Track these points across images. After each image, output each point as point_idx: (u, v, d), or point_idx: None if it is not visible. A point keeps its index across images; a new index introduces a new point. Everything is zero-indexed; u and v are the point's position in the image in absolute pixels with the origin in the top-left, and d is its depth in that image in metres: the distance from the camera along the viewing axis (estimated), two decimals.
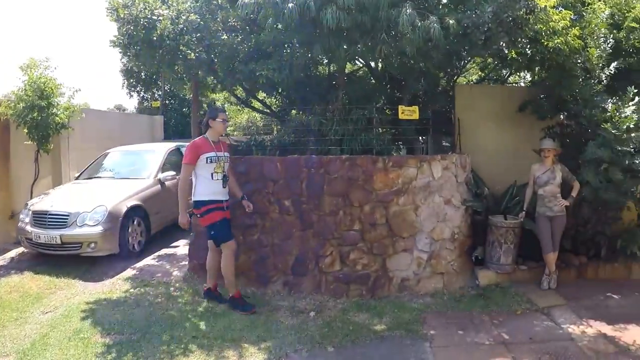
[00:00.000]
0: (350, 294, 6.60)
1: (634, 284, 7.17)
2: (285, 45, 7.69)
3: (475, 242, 7.41)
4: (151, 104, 22.05)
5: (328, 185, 6.63)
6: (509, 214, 7.35)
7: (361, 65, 9.87)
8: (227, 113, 6.96)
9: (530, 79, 9.12)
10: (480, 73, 11.43)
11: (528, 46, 7.30)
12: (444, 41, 6.13)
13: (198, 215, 5.99)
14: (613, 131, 6.18)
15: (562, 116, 7.64)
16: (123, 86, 22.52)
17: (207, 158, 5.83)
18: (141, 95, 23.45)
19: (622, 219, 7.44)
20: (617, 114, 6.33)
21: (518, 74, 10.37)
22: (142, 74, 20.42)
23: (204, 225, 6.11)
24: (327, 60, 8.68)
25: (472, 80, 12.08)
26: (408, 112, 6.85)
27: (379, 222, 6.58)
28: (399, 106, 6.94)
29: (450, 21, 6.05)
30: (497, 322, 5.81)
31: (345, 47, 6.73)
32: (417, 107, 6.97)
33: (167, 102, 21.52)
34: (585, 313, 5.97)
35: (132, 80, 22.07)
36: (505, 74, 10.64)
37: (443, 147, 9.55)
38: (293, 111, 9.20)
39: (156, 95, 22.45)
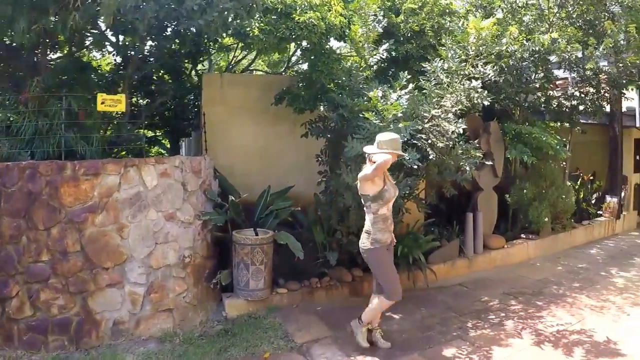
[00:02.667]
0: (49, 346, 5.21)
1: (419, 295, 6.75)
2: None
3: (220, 264, 6.46)
4: None
5: (6, 201, 5.24)
6: (262, 226, 6.50)
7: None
8: None
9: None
10: (261, 62, 10.75)
11: (275, 22, 6.49)
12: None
13: None
14: (376, 121, 5.41)
15: (322, 108, 6.96)
16: None
17: None
18: None
19: (402, 222, 7.01)
20: (382, 102, 5.58)
21: (273, 57, 9.77)
22: None
23: None
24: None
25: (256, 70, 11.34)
26: (111, 103, 5.66)
27: (72, 249, 5.26)
28: (99, 94, 5.71)
29: None
30: None
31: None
32: (123, 95, 5.81)
33: None
34: (354, 348, 5.27)
35: None
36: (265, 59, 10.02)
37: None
38: None
39: None
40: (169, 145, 10.86)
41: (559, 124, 10.53)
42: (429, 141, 5.79)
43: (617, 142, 11.92)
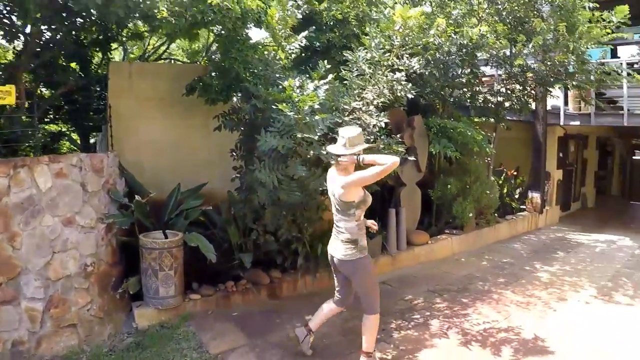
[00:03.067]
0: None
1: None
2: None
3: (129, 271, 5.98)
4: None
5: None
6: (172, 228, 6.08)
7: None
8: None
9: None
10: (180, 52, 10.26)
11: (186, 4, 6.07)
12: None
13: None
14: (290, 113, 5.06)
15: (235, 99, 6.59)
16: None
17: None
18: None
19: (322, 219, 6.66)
20: (298, 92, 5.24)
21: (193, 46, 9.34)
22: None
23: None
24: None
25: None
26: None
27: None
28: None
29: None
30: None
31: None
32: (13, 86, 5.27)
33: None
34: (273, 356, 4.97)
35: None
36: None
37: None
38: None
39: None
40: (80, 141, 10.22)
41: (484, 119, 10.55)
42: None
43: (541, 139, 12.17)
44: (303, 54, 6.92)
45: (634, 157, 24.52)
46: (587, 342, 5.34)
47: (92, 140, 9.27)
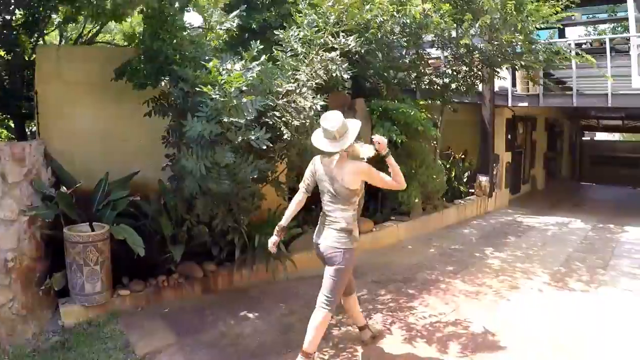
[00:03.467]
0: None
1: (279, 289, 6.28)
2: None
3: (56, 266, 5.66)
4: None
5: None
6: (100, 220, 5.79)
7: None
8: None
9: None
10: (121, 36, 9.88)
11: None
12: None
13: None
14: (215, 96, 4.84)
15: (164, 83, 6.34)
16: None
17: None
18: None
19: (260, 207, 6.43)
20: (224, 73, 5.02)
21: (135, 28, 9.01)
22: None
23: None
24: None
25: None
26: None
27: None
28: None
29: None
30: None
31: None
32: None
33: None
34: (202, 356, 4.72)
35: None
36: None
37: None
38: None
39: None
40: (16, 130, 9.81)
41: (430, 102, 10.51)
42: (283, 119, 5.33)
43: (489, 121, 12.19)
44: (237, 35, 6.67)
45: (583, 138, 25.00)
46: (542, 334, 5.18)
47: (34, 129, 8.90)
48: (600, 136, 29.17)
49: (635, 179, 19.99)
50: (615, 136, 30.66)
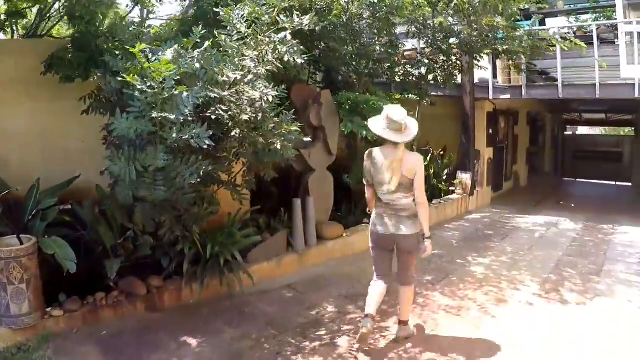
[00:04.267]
0: None
1: (235, 306, 5.64)
2: None
3: None
4: None
5: None
6: (31, 232, 5.18)
7: None
8: None
9: None
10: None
11: None
12: None
13: None
14: (140, 87, 4.13)
15: (96, 75, 5.66)
16: None
17: None
18: None
19: (212, 213, 5.85)
20: (154, 63, 4.25)
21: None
22: None
23: None
24: None
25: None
26: None
27: None
28: None
29: None
30: None
31: None
32: None
33: None
34: None
35: None
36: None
37: None
38: None
39: None
40: None
41: (406, 95, 9.87)
42: (230, 113, 4.64)
43: (469, 115, 11.61)
44: (188, 21, 6.00)
45: (565, 133, 24.65)
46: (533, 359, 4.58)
47: None
48: (582, 130, 28.89)
49: (618, 173, 19.80)
50: (596, 130, 30.44)
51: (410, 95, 9.85)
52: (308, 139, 5.92)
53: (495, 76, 11.75)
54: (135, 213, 5.15)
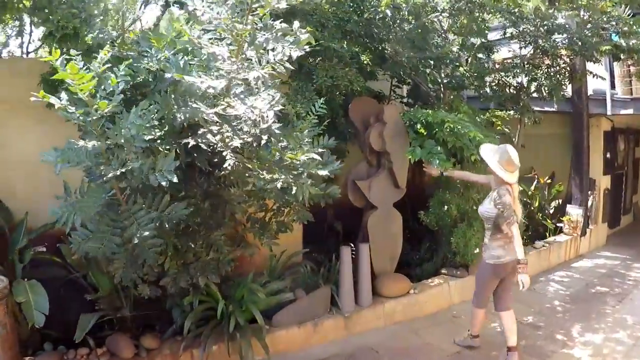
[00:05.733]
0: None
1: None
2: None
3: None
4: None
5: None
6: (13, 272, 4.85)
7: None
8: None
9: None
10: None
11: None
12: None
13: None
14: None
15: None
16: None
17: None
18: None
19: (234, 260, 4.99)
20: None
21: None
22: None
23: None
24: None
25: None
26: None
27: None
28: None
29: None
30: None
31: None
32: None
33: None
34: None
35: None
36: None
37: None
38: None
39: None
40: None
41: (505, 111, 8.36)
42: (219, 136, 3.24)
43: (583, 134, 9.70)
44: None
45: None
46: None
47: None
48: None
49: None
50: None
51: (508, 111, 8.38)
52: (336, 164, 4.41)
53: (613, 86, 9.74)
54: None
